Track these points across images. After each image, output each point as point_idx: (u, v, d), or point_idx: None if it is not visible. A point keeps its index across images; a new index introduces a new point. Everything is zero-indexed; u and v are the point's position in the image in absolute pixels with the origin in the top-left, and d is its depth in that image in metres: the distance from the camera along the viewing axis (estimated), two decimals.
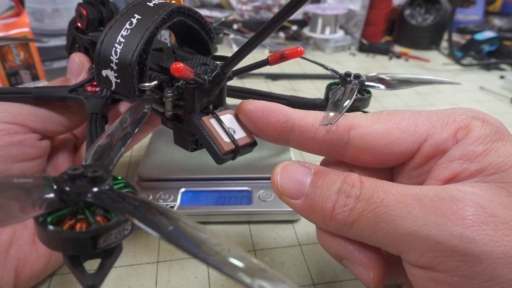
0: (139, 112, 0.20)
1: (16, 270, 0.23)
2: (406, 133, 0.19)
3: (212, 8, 0.85)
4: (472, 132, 0.18)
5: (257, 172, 0.33)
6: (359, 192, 0.18)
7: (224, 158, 0.21)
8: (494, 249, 0.15)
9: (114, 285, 0.26)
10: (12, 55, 0.46)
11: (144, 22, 0.22)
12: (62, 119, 0.27)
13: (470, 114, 0.20)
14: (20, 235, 0.23)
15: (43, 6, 0.61)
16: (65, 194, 0.13)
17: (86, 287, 0.13)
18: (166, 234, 0.13)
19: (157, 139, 0.37)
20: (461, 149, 0.18)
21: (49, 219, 0.13)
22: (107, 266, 0.14)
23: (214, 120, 0.22)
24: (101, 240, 0.13)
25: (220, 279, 0.27)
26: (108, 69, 0.22)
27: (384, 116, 0.20)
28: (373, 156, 0.20)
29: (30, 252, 0.24)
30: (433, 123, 0.19)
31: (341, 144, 0.20)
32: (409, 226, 0.16)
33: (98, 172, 0.14)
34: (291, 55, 0.19)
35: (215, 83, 0.21)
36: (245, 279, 0.11)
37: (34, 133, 0.25)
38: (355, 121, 0.20)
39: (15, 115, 0.24)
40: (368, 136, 0.20)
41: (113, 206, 0.13)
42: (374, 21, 0.80)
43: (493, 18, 0.94)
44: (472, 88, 0.62)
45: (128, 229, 0.14)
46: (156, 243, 0.29)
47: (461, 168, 0.18)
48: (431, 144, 0.19)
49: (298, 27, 0.80)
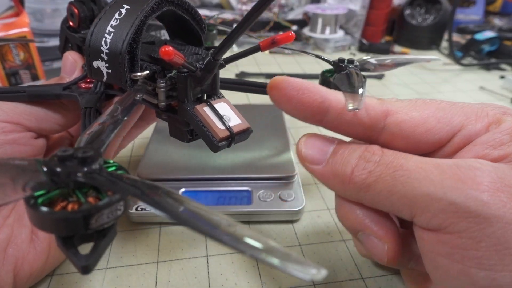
0: (130, 100, 0.20)
1: (15, 269, 0.23)
2: (442, 122, 0.20)
3: (212, 8, 0.85)
4: (502, 125, 0.19)
5: (257, 172, 0.33)
6: (380, 158, 0.19)
7: (219, 145, 0.21)
8: (506, 214, 0.16)
9: (114, 285, 0.26)
10: (12, 55, 0.46)
11: (133, 12, 0.22)
12: (57, 117, 0.27)
13: (501, 110, 0.20)
14: (18, 234, 0.23)
15: (43, 6, 0.61)
16: (56, 175, 0.13)
17: (79, 268, 0.13)
18: (177, 215, 0.12)
19: (157, 139, 0.37)
20: (487, 136, 0.19)
21: (40, 201, 0.13)
22: (100, 248, 0.14)
23: (208, 108, 0.22)
24: (93, 220, 0.13)
25: (220, 279, 0.27)
26: (99, 60, 0.22)
27: (420, 104, 0.20)
28: (407, 143, 0.20)
29: (28, 251, 0.24)
30: (468, 115, 0.20)
31: (376, 129, 0.20)
32: (426, 188, 0.17)
33: (88, 153, 0.14)
34: (283, 40, 0.19)
35: (207, 70, 0.21)
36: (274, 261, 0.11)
37: (29, 132, 0.25)
38: (393, 107, 0.20)
39: (9, 114, 0.24)
40: (405, 123, 0.20)
41: (111, 186, 0.13)
42: (374, 21, 0.80)
43: (493, 18, 0.94)
44: (472, 88, 0.62)
45: (121, 210, 0.14)
46: (156, 243, 0.29)
47: (483, 152, 0.18)
48: (464, 135, 0.20)
49: (298, 27, 0.80)
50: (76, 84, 0.27)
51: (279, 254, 0.12)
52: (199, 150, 0.36)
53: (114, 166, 0.15)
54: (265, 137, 0.38)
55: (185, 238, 0.30)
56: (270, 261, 0.11)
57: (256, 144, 0.36)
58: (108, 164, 0.16)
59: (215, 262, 0.28)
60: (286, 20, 0.82)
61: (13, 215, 0.24)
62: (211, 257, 0.28)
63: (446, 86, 0.63)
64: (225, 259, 0.28)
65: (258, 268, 0.27)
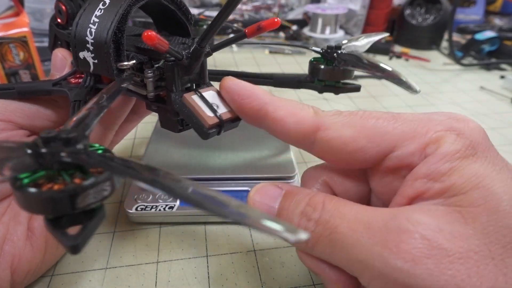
0: (115, 87, 0.20)
1: (12, 267, 0.23)
2: (372, 142, 0.19)
3: (212, 8, 0.85)
4: (441, 148, 0.18)
5: (257, 172, 0.33)
6: (319, 215, 0.18)
7: (209, 132, 0.21)
8: (433, 284, 0.15)
9: (114, 285, 0.26)
10: (12, 55, 0.46)
11: (116, 2, 0.22)
12: (49, 114, 0.27)
13: (447, 124, 0.18)
14: (13, 231, 0.23)
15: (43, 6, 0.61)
16: (40, 156, 0.13)
17: (68, 248, 0.13)
18: (187, 195, 0.13)
19: (157, 139, 0.37)
20: (426, 167, 0.17)
21: (25, 182, 0.13)
22: (89, 229, 0.14)
23: (196, 96, 0.22)
24: (79, 199, 0.13)
25: (220, 279, 0.26)
26: (85, 51, 0.23)
27: (357, 119, 0.20)
28: (338, 159, 0.20)
29: (25, 248, 0.24)
30: (404, 133, 0.19)
31: (307, 143, 0.21)
32: (357, 255, 0.17)
33: (72, 134, 0.14)
34: (268, 26, 0.19)
35: (194, 58, 0.21)
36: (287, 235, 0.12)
37: (21, 130, 0.25)
38: (324, 122, 0.20)
39: (1, 112, 0.24)
40: (334, 141, 0.20)
41: (102, 165, 0.13)
42: (374, 21, 0.80)
43: (494, 18, 0.94)
44: (472, 88, 0.62)
45: (107, 190, 0.14)
46: (156, 243, 0.29)
47: (425, 187, 0.17)
48: (396, 157, 0.19)
49: (298, 27, 0.80)
50: (65, 79, 0.27)
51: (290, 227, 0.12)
52: (199, 150, 0.36)
53: (101, 149, 0.15)
54: (265, 137, 0.38)
55: (185, 238, 0.30)
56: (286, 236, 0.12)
57: (256, 144, 0.36)
58: (94, 148, 0.16)
59: (215, 262, 0.28)
60: (286, 20, 0.82)
61: (8, 213, 0.24)
62: (211, 257, 0.28)
63: (446, 86, 0.63)
64: (225, 259, 0.28)
65: (258, 268, 0.27)
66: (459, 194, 0.16)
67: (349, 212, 0.18)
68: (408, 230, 0.16)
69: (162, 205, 0.30)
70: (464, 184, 0.16)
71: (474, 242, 0.15)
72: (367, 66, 0.27)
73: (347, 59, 0.28)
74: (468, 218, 0.16)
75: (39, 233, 0.24)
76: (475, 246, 0.15)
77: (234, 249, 0.29)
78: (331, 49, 0.28)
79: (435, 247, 0.15)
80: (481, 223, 0.16)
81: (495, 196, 0.16)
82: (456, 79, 0.65)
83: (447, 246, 0.15)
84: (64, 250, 0.27)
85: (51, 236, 0.25)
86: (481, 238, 0.15)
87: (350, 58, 0.28)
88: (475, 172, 0.17)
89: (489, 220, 0.16)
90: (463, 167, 0.17)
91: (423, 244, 0.15)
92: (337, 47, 0.28)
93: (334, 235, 0.18)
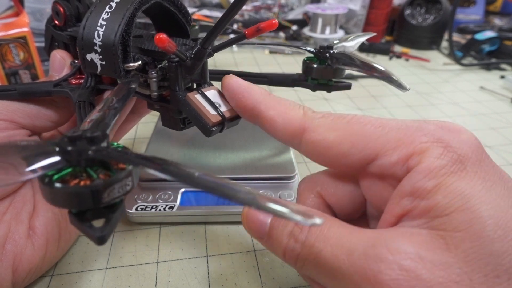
0: (125, 89, 0.20)
1: (13, 265, 0.23)
2: (355, 147, 0.19)
3: (212, 8, 0.85)
4: (424, 162, 0.17)
5: (257, 172, 0.33)
6: (305, 237, 0.18)
7: (212, 130, 0.22)
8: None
9: (114, 285, 0.26)
10: (12, 55, 0.46)
11: (123, 5, 0.23)
12: (49, 114, 0.27)
13: (435, 135, 0.18)
14: (15, 230, 0.24)
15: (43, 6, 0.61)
16: (68, 154, 0.14)
17: (95, 239, 0.14)
18: (196, 180, 0.13)
19: (157, 139, 0.37)
20: (411, 184, 0.17)
21: (55, 178, 0.14)
22: (113, 221, 0.15)
23: (199, 95, 0.23)
24: (105, 194, 0.14)
25: (220, 279, 0.26)
26: (92, 53, 0.23)
27: (344, 123, 0.20)
28: (323, 161, 0.21)
29: (26, 247, 0.24)
30: (387, 142, 0.18)
31: (295, 143, 0.21)
32: (339, 281, 0.17)
33: (96, 133, 0.15)
34: (267, 27, 0.20)
35: (197, 59, 0.22)
36: (296, 217, 0.12)
37: (23, 129, 0.26)
38: (312, 124, 0.20)
39: (3, 112, 0.25)
40: (318, 144, 0.20)
41: (122, 159, 0.14)
42: (374, 21, 0.80)
43: (494, 18, 0.94)
44: (472, 88, 0.62)
45: (130, 185, 0.15)
46: (156, 243, 0.29)
47: (411, 205, 0.17)
48: (379, 166, 0.19)
49: (298, 27, 0.80)
50: (66, 80, 0.27)
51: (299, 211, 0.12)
52: (199, 150, 0.36)
53: (120, 147, 0.16)
54: (265, 137, 0.38)
55: (185, 238, 0.30)
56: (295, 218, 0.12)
57: (256, 144, 0.36)
58: (113, 145, 0.16)
59: (215, 262, 0.28)
60: (286, 20, 0.82)
61: (10, 212, 0.24)
62: (211, 257, 0.28)
63: (446, 86, 0.63)
64: (225, 259, 0.28)
65: (258, 268, 0.27)
66: (442, 216, 0.16)
67: (332, 235, 0.18)
68: (386, 260, 0.15)
69: (162, 205, 0.30)
70: (448, 204, 0.16)
71: (455, 271, 0.15)
72: (358, 65, 0.28)
73: (339, 58, 0.28)
74: (450, 244, 0.15)
75: (40, 232, 0.25)
76: (455, 275, 0.15)
77: (234, 249, 0.29)
78: (324, 48, 0.29)
79: (413, 278, 0.15)
80: (463, 250, 0.15)
81: (479, 220, 0.15)
82: (456, 79, 0.65)
83: (426, 277, 0.15)
84: (65, 250, 0.28)
85: (52, 235, 0.25)
86: (462, 266, 0.15)
87: (342, 57, 0.28)
88: (461, 192, 0.16)
89: (472, 246, 0.15)
90: (448, 184, 0.16)
91: (401, 276, 0.15)
92: (329, 47, 0.29)
93: (318, 260, 0.18)
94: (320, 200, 0.23)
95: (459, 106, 0.55)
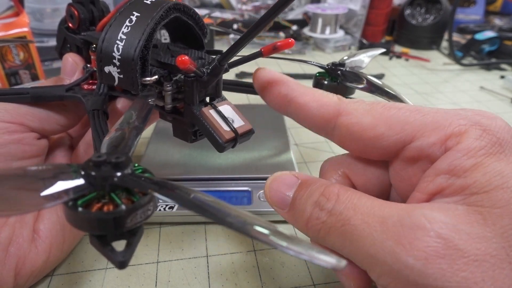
0: (145, 106, 0.20)
1: (16, 268, 0.23)
2: (392, 130, 0.19)
3: (212, 8, 0.85)
4: (463, 142, 0.17)
5: (257, 172, 0.33)
6: (332, 206, 0.18)
7: (225, 146, 0.22)
8: (444, 284, 0.15)
9: (114, 286, 0.26)
10: (12, 55, 0.46)
11: (143, 19, 0.23)
12: (59, 118, 0.27)
13: (473, 119, 0.18)
14: (19, 233, 0.23)
15: (43, 6, 0.61)
16: (93, 179, 0.14)
17: (117, 263, 0.14)
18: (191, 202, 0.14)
19: (157, 139, 0.37)
20: (448, 162, 0.17)
21: (79, 202, 0.14)
22: (133, 245, 0.15)
23: (213, 110, 0.23)
24: (128, 220, 0.14)
25: (220, 279, 0.26)
26: (110, 65, 0.23)
27: (378, 108, 0.20)
28: (357, 146, 0.20)
29: (30, 250, 0.24)
30: (425, 124, 0.18)
31: (328, 128, 0.21)
32: (369, 248, 0.17)
33: (120, 158, 0.15)
34: (283, 46, 0.20)
35: (213, 75, 0.22)
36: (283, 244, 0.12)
37: (32, 132, 0.26)
38: (347, 108, 0.20)
39: (13, 115, 0.25)
40: (353, 126, 0.20)
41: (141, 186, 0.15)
42: (374, 20, 0.80)
43: (494, 17, 0.94)
44: (472, 88, 0.62)
45: (151, 210, 0.15)
46: (156, 243, 0.29)
47: (446, 183, 0.17)
48: (416, 147, 0.18)
49: (298, 27, 0.80)
50: (78, 85, 0.27)
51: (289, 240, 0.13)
52: (199, 150, 0.36)
53: (140, 169, 0.16)
54: (265, 137, 0.38)
55: (185, 238, 0.30)
56: (278, 244, 0.12)
57: (256, 144, 0.36)
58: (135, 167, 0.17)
59: (215, 262, 0.28)
60: (286, 20, 0.82)
61: None
62: (211, 257, 0.28)
63: (447, 86, 0.63)
64: (225, 259, 0.28)
65: (258, 268, 0.27)
66: (481, 193, 0.16)
67: (363, 205, 0.18)
68: (424, 227, 0.15)
69: (162, 205, 0.30)
70: (487, 182, 0.16)
71: (492, 245, 0.15)
72: (367, 87, 0.28)
73: (349, 77, 0.29)
74: (488, 219, 0.15)
75: (45, 235, 0.25)
76: (492, 249, 0.15)
77: (234, 249, 0.29)
78: (335, 66, 0.29)
79: (450, 247, 0.15)
80: (502, 226, 0.15)
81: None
82: (456, 79, 0.65)
83: (463, 247, 0.15)
84: (68, 252, 0.28)
85: (56, 239, 0.25)
86: (500, 241, 0.15)
87: (352, 76, 0.29)
88: (500, 171, 0.16)
89: (511, 223, 0.15)
90: (487, 164, 0.16)
91: (438, 243, 0.15)
92: (341, 64, 0.29)
93: (346, 227, 0.17)
94: (345, 180, 0.22)
95: (459, 106, 0.55)
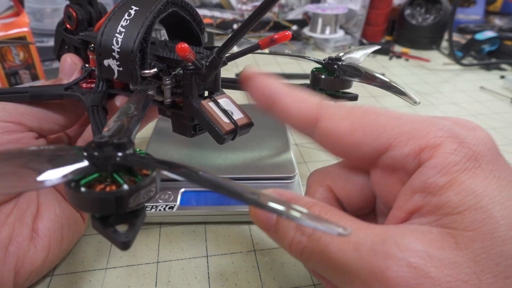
0: (144, 97, 0.21)
1: (16, 267, 0.23)
2: (368, 137, 0.19)
3: (212, 8, 0.85)
4: (437, 157, 0.16)
5: (257, 172, 0.33)
6: (312, 230, 0.18)
7: (225, 137, 0.23)
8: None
9: (114, 285, 0.26)
10: (12, 55, 0.46)
11: (142, 13, 0.23)
12: (57, 118, 0.27)
13: (450, 130, 0.17)
14: (19, 232, 0.24)
15: (43, 6, 0.61)
16: (95, 159, 0.14)
17: (120, 244, 0.14)
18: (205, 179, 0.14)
19: (157, 139, 0.37)
20: (423, 180, 0.17)
21: (82, 182, 0.14)
22: (137, 225, 0.15)
23: (213, 103, 0.23)
24: (131, 199, 0.14)
25: (220, 279, 0.26)
26: (110, 59, 0.24)
27: (358, 113, 0.20)
28: (336, 150, 0.21)
29: (29, 249, 0.24)
30: (401, 133, 0.18)
31: (309, 131, 0.21)
32: (346, 276, 0.17)
33: (122, 140, 0.15)
34: (280, 39, 0.21)
35: (212, 67, 0.22)
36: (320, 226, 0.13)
37: (30, 132, 0.26)
38: (326, 113, 0.20)
39: (12, 114, 0.25)
40: (331, 132, 0.20)
41: (145, 164, 0.15)
42: (374, 20, 0.80)
43: (494, 17, 0.94)
44: (472, 88, 0.62)
45: (153, 191, 0.15)
46: (156, 243, 0.29)
47: (422, 201, 0.17)
48: (390, 157, 0.18)
49: (298, 27, 0.80)
50: (77, 84, 0.27)
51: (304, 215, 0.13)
52: (199, 150, 0.36)
53: (143, 153, 0.16)
54: (265, 137, 0.38)
55: (185, 238, 0.30)
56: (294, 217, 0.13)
57: (256, 144, 0.36)
58: (137, 151, 0.17)
59: (215, 262, 0.28)
60: (286, 20, 0.82)
61: (14, 214, 0.24)
62: (211, 257, 0.28)
63: (447, 86, 0.63)
64: (225, 259, 0.28)
65: (258, 268, 0.27)
66: (454, 214, 0.16)
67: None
68: (395, 256, 0.15)
69: (162, 205, 0.30)
70: (460, 202, 0.15)
71: (464, 270, 0.15)
72: (365, 77, 0.28)
73: (346, 70, 0.29)
74: (460, 243, 0.15)
75: (44, 234, 0.25)
76: (464, 274, 0.15)
77: (234, 249, 0.29)
78: (332, 60, 0.29)
79: (421, 276, 0.15)
80: (474, 249, 0.15)
81: (491, 220, 0.15)
82: (456, 79, 0.65)
83: (435, 275, 0.15)
84: (67, 251, 0.28)
85: (54, 238, 0.25)
86: (472, 266, 0.15)
87: (350, 70, 0.29)
88: (474, 190, 0.15)
89: (483, 246, 0.15)
90: (461, 181, 0.16)
91: (409, 273, 0.15)
92: (338, 58, 0.29)
93: (325, 254, 0.17)
94: (329, 193, 0.22)
95: (459, 106, 0.55)
